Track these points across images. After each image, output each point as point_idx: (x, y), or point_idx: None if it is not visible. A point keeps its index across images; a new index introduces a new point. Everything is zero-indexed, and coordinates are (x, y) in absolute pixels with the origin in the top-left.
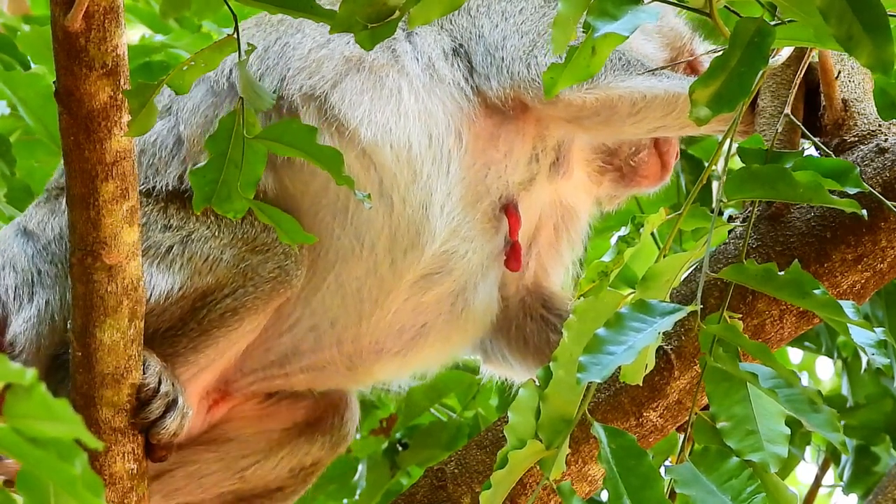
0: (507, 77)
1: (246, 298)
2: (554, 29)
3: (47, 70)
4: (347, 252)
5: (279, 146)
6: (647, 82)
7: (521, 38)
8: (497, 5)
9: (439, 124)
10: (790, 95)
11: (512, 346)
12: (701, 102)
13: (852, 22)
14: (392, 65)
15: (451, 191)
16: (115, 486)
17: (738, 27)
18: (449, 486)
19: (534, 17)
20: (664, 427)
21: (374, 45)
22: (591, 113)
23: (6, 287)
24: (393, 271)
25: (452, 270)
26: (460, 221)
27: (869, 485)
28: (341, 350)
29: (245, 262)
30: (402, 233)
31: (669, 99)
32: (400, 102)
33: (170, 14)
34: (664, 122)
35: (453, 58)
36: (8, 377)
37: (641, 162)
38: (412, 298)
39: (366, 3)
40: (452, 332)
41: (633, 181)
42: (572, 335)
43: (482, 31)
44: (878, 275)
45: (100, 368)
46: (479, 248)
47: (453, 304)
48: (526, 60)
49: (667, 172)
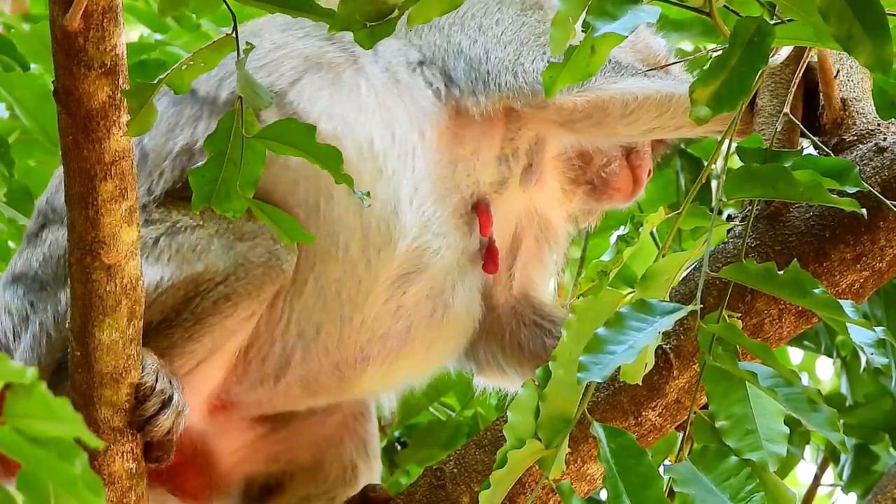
0: (494, 89)
1: (238, 284)
2: (553, 28)
3: (44, 70)
4: (324, 252)
5: (278, 145)
6: (639, 83)
7: (504, 48)
8: (471, 21)
9: (401, 121)
10: (789, 95)
11: (507, 353)
12: (701, 102)
13: (852, 21)
14: (351, 64)
15: (419, 186)
16: (114, 486)
17: (737, 26)
18: (448, 485)
19: (513, 26)
20: (663, 426)
21: (373, 44)
22: (584, 115)
23: (4, 331)
24: (369, 270)
25: (427, 268)
26: (431, 216)
27: (868, 484)
28: (329, 359)
29: (233, 248)
30: (373, 230)
31: (662, 99)
32: (359, 97)
33: (168, 12)
34: (658, 122)
35: (418, 67)
36: (8, 377)
37: (613, 174)
38: (391, 300)
39: (365, 1)
40: (436, 337)
41: (606, 194)
42: (572, 334)
43: (461, 48)
44: (877, 274)
45: (98, 368)
46: (453, 244)
47: (434, 307)
48: (513, 70)
49: (639, 187)
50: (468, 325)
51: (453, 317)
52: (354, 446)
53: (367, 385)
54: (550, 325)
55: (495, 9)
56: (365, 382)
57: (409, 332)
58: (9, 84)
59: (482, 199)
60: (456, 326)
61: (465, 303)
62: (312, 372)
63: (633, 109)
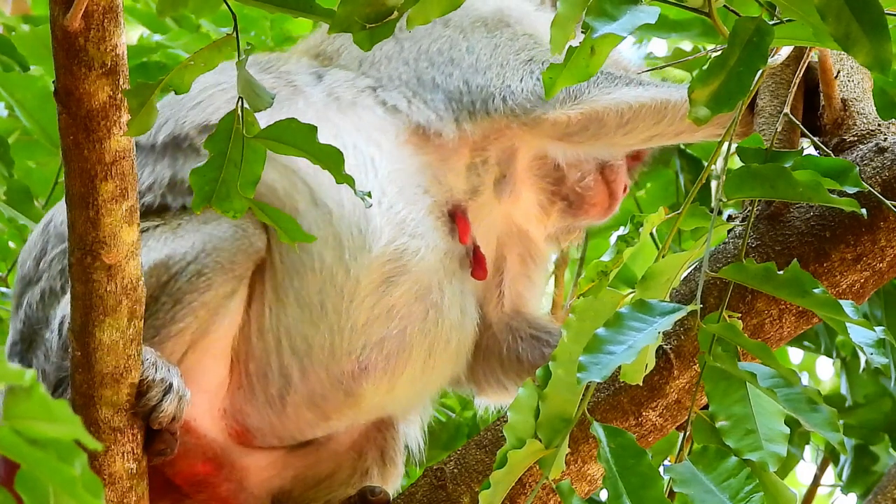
0: (483, 116)
1: (208, 259)
2: (553, 29)
3: (45, 71)
4: (299, 265)
5: (279, 145)
6: (633, 91)
7: (483, 75)
8: (440, 56)
9: (349, 132)
10: (789, 95)
11: (506, 366)
12: (700, 102)
13: (850, 21)
14: (289, 88)
15: (385, 189)
16: (114, 486)
17: (736, 26)
18: (448, 485)
19: (486, 51)
20: (663, 426)
21: (371, 45)
22: (580, 128)
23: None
24: (349, 276)
25: (410, 270)
26: (404, 217)
27: (868, 484)
28: (328, 373)
29: (200, 230)
30: (346, 236)
31: (658, 107)
32: (296, 112)
33: (167, 12)
34: (657, 129)
35: (367, 90)
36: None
37: (588, 189)
38: (379, 305)
39: (364, 2)
40: (435, 342)
41: (582, 209)
42: (572, 334)
43: (435, 83)
44: (877, 274)
45: (99, 368)
46: (434, 245)
47: (426, 310)
48: (500, 94)
49: (615, 202)
50: (465, 329)
51: (448, 321)
52: (374, 457)
53: (375, 399)
54: (547, 336)
55: (460, 38)
56: (371, 396)
57: (405, 337)
58: (9, 85)
59: (458, 205)
60: (452, 330)
61: (458, 305)
62: (317, 391)
63: (629, 119)
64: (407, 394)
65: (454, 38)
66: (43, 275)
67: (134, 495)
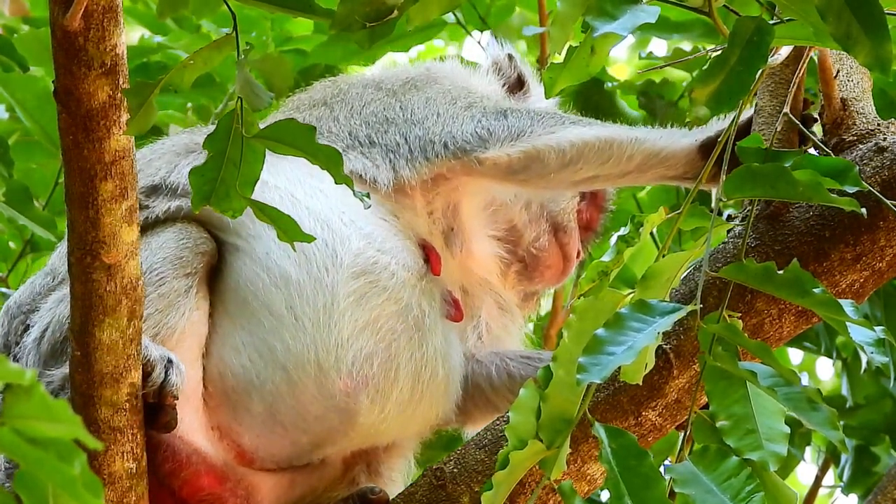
0: (423, 164)
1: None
2: (553, 28)
3: (45, 72)
4: (267, 283)
5: (278, 145)
6: (576, 130)
7: (420, 126)
8: (373, 118)
9: (295, 171)
10: (789, 95)
11: (496, 385)
12: (700, 101)
13: (850, 21)
14: None
15: (342, 208)
16: (114, 486)
17: (736, 26)
18: (448, 485)
19: (419, 105)
20: (663, 426)
21: (372, 44)
22: (521, 167)
23: None
24: (323, 289)
25: (386, 287)
26: (371, 231)
27: (868, 485)
28: (321, 390)
29: (149, 242)
30: (311, 248)
31: (602, 146)
32: None
33: (167, 13)
34: (602, 170)
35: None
36: (7, 377)
37: (542, 250)
38: (359, 318)
39: (364, 2)
40: (422, 365)
41: (537, 271)
42: (572, 335)
43: (371, 140)
44: (876, 274)
45: (99, 368)
46: (404, 264)
47: (409, 331)
48: (441, 140)
49: (569, 265)
50: (451, 360)
51: (433, 346)
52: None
53: (370, 419)
54: (537, 360)
55: (392, 100)
56: (365, 416)
57: (392, 354)
58: (9, 86)
59: (425, 241)
60: (438, 357)
61: (442, 332)
62: (310, 410)
63: (571, 157)
64: (398, 420)
65: (386, 101)
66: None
67: (133, 495)
